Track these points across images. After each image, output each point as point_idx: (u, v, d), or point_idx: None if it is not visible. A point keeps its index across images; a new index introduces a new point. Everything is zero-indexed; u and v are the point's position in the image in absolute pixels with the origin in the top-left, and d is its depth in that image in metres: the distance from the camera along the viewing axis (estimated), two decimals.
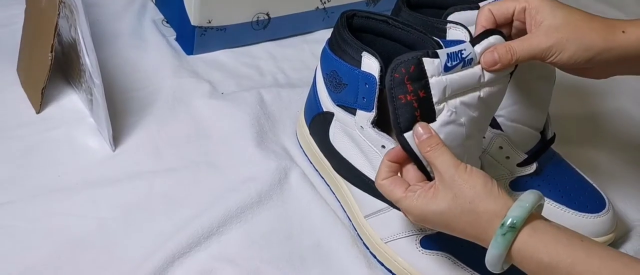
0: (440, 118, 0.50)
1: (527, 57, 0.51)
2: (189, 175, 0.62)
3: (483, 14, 0.54)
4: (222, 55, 0.78)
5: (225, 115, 0.69)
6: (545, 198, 0.59)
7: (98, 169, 0.61)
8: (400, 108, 0.50)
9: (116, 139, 0.63)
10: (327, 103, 0.61)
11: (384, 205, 0.58)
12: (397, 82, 0.49)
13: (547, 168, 0.62)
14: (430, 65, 0.49)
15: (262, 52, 0.80)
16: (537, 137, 0.64)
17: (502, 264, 0.46)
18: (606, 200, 0.62)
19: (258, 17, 0.78)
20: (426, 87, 0.49)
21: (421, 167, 0.51)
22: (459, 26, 0.57)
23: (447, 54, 0.50)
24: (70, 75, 0.67)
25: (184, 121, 0.68)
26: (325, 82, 0.61)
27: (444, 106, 0.50)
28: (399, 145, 0.51)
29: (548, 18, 0.51)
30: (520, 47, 0.51)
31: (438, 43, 0.56)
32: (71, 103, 0.67)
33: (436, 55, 0.49)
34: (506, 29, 0.55)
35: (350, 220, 0.62)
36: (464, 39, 0.56)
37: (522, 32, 0.54)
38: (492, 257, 0.46)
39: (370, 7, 0.88)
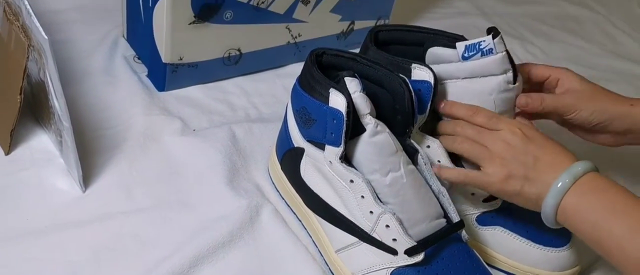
0: None
1: (552, 108, 0.63)
2: (160, 215, 0.62)
3: (522, 69, 0.65)
4: (194, 91, 0.79)
5: (196, 152, 0.69)
6: (510, 232, 0.61)
7: (68, 211, 0.61)
8: None
9: (86, 179, 0.63)
10: (297, 139, 0.62)
11: (355, 239, 0.59)
12: None
13: (512, 203, 0.63)
14: None
15: (234, 87, 0.81)
16: None
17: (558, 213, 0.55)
18: (570, 233, 0.63)
19: (229, 53, 0.79)
20: None
21: None
22: (424, 66, 0.59)
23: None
24: (40, 115, 0.67)
25: (155, 159, 0.68)
26: (295, 118, 0.62)
27: None
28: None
29: (575, 85, 0.63)
30: (549, 99, 0.63)
31: (404, 80, 0.57)
32: (41, 143, 0.66)
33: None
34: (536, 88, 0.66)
35: (322, 255, 0.62)
36: (429, 79, 0.58)
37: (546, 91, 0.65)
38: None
39: (340, 41, 0.89)
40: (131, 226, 0.61)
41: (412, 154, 0.59)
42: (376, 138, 0.56)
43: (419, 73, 0.59)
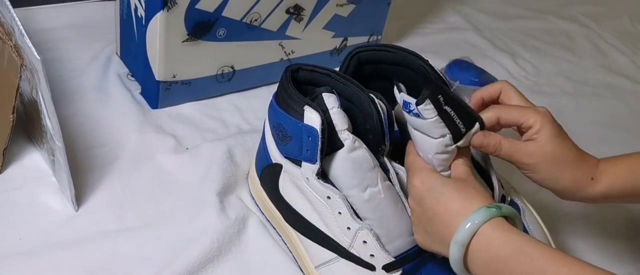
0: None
1: (506, 158, 0.57)
2: (152, 233, 0.62)
3: (490, 115, 0.58)
4: (187, 108, 0.79)
5: (189, 170, 0.69)
6: None
7: (60, 231, 0.60)
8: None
9: (79, 197, 0.63)
10: (275, 155, 0.62)
11: (333, 255, 0.59)
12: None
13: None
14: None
15: (227, 104, 0.81)
16: None
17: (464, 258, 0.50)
18: None
19: (223, 70, 0.80)
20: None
21: None
22: (378, 97, 0.59)
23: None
24: (33, 133, 0.67)
25: (148, 177, 0.68)
26: (273, 135, 0.62)
27: None
28: None
29: (541, 142, 0.56)
30: (507, 147, 0.57)
31: (372, 100, 0.58)
32: (33, 162, 0.66)
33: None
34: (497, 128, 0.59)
35: (302, 271, 0.63)
36: (382, 112, 0.58)
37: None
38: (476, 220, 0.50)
39: (334, 58, 0.90)
40: (124, 245, 0.60)
41: (385, 172, 0.59)
42: (354, 154, 0.56)
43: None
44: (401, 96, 0.55)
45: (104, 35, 0.85)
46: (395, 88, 0.57)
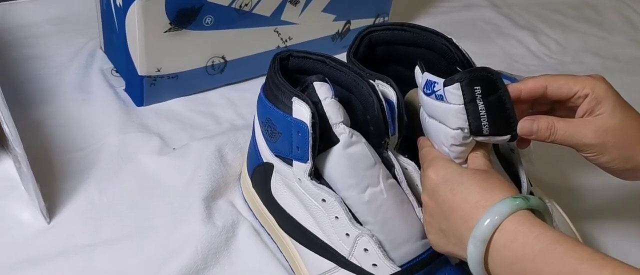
0: None
1: (565, 143, 0.49)
2: (131, 245, 0.57)
3: (536, 82, 0.50)
4: (176, 104, 0.73)
5: (175, 173, 0.63)
6: None
7: (30, 245, 0.55)
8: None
9: (52, 208, 0.58)
10: (266, 153, 0.56)
11: (332, 265, 0.53)
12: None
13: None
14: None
15: (219, 98, 0.75)
16: None
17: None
18: None
19: (213, 61, 0.73)
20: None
21: None
22: (386, 84, 0.53)
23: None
24: (3, 139, 0.62)
25: (129, 183, 0.62)
26: (262, 131, 0.56)
27: None
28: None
29: (605, 115, 0.48)
30: (563, 129, 0.48)
31: (373, 87, 0.52)
32: (3, 170, 0.61)
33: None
34: (545, 106, 0.52)
35: None
36: (392, 99, 0.52)
37: (566, 107, 0.50)
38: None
39: (336, 43, 0.83)
40: (100, 260, 0.55)
41: (389, 168, 0.53)
42: (351, 149, 0.50)
43: (381, 89, 0.53)
44: (425, 75, 0.49)
45: (88, 29, 0.80)
46: (417, 67, 0.51)
